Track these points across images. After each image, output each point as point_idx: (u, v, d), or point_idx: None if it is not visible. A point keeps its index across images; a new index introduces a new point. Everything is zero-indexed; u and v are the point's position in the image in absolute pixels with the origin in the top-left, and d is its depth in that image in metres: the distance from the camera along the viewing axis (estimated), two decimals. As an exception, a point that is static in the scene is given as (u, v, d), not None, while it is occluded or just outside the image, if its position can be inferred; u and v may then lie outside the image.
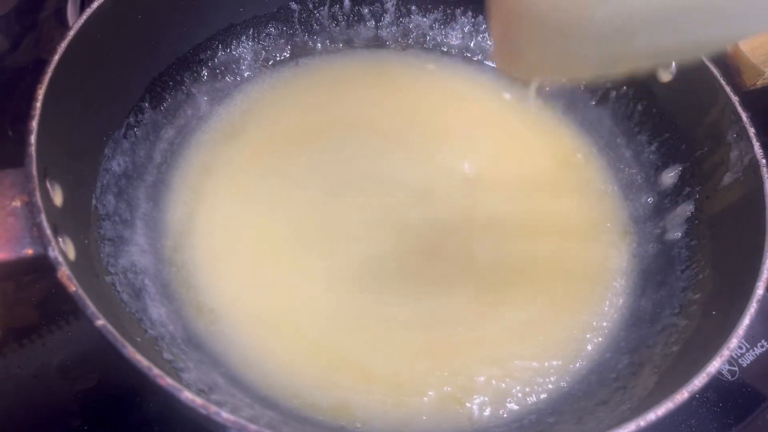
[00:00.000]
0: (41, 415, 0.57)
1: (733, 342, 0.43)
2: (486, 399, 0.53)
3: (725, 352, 0.43)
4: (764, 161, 0.54)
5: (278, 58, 0.73)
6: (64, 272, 0.40)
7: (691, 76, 0.61)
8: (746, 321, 0.45)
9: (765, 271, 0.47)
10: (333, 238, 0.61)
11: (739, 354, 0.65)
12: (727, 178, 0.57)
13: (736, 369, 0.64)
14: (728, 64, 0.62)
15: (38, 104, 0.46)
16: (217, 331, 0.55)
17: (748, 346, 0.65)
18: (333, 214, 0.62)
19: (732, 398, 0.62)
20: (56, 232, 0.43)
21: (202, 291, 0.57)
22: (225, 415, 0.37)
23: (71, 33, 0.51)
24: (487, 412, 0.53)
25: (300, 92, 0.71)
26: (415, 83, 0.73)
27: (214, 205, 0.62)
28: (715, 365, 0.43)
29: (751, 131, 0.55)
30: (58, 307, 0.61)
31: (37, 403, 0.58)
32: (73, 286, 0.39)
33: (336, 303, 0.57)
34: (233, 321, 0.55)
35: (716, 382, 0.63)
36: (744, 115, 0.56)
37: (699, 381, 0.42)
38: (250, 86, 0.71)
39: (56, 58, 0.49)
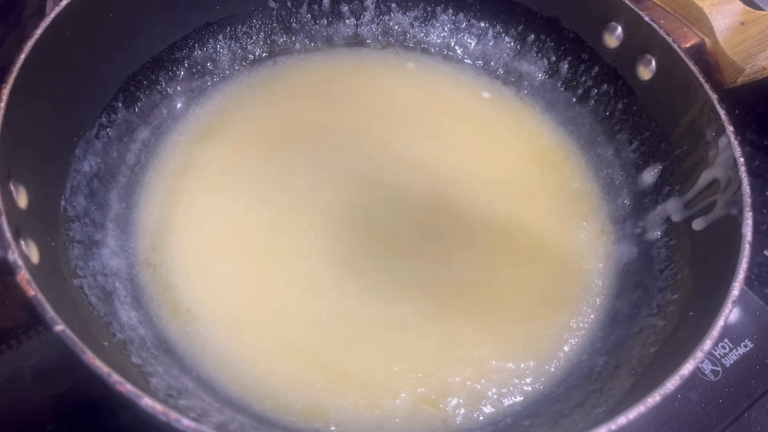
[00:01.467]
0: (14, 420, 0.57)
1: (707, 344, 0.43)
2: (460, 401, 0.53)
3: (699, 354, 0.42)
4: (742, 159, 0.53)
5: (256, 57, 0.72)
6: (23, 276, 0.39)
7: (671, 74, 0.60)
8: (720, 323, 0.44)
9: (741, 272, 0.47)
10: (310, 238, 0.60)
11: (722, 354, 0.64)
12: (705, 177, 0.56)
13: (719, 369, 0.63)
14: (708, 61, 0.62)
15: (2, 104, 0.45)
16: (192, 332, 0.54)
17: (732, 346, 0.65)
18: (311, 214, 0.61)
19: (715, 398, 0.62)
20: (18, 234, 0.42)
21: (179, 291, 0.56)
22: (186, 422, 0.37)
23: (38, 32, 0.50)
24: (462, 414, 0.52)
25: (278, 92, 0.70)
26: (394, 82, 0.73)
27: (191, 205, 0.61)
28: (688, 368, 0.42)
29: (729, 129, 0.54)
30: (33, 310, 0.60)
31: (10, 407, 0.57)
32: (32, 291, 0.39)
33: (312, 303, 0.56)
34: (209, 321, 0.55)
35: (699, 382, 0.62)
36: (722, 113, 0.55)
37: (672, 384, 0.41)
38: (227, 85, 0.70)
39: (22, 57, 0.48)
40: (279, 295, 0.57)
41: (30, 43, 0.49)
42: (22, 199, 0.46)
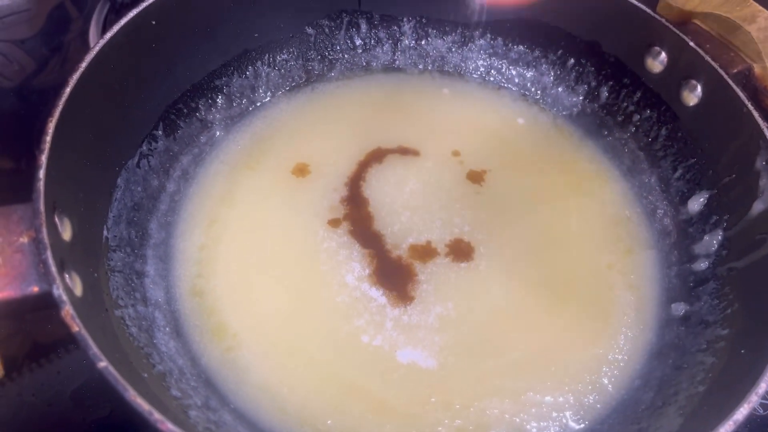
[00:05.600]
0: (55, 445, 0.57)
1: (762, 387, 0.41)
2: (500, 435, 0.51)
3: (753, 398, 0.41)
4: (795, 191, 0.51)
5: (294, 84, 0.73)
6: (67, 311, 0.39)
7: (718, 100, 0.59)
8: (776, 364, 0.42)
9: (796, 310, 0.45)
10: (350, 264, 0.60)
11: (774, 387, 0.62)
12: (757, 207, 0.55)
13: (772, 403, 0.61)
14: (757, 87, 0.60)
15: (48, 138, 0.46)
16: (235, 357, 0.54)
17: (784, 378, 0.62)
18: (350, 241, 0.61)
19: (767, 435, 0.60)
20: (63, 267, 0.42)
21: (226, 316, 0.56)
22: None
23: (83, 65, 0.51)
24: (501, 449, 0.51)
25: (317, 119, 0.71)
26: (430, 108, 0.72)
27: (236, 233, 0.62)
28: (742, 412, 0.40)
29: (782, 158, 0.53)
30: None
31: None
32: (76, 326, 0.39)
33: (349, 331, 0.56)
34: (254, 346, 0.55)
35: (750, 419, 0.60)
36: (773, 142, 0.53)
37: (724, 430, 0.40)
38: (266, 113, 0.71)
39: (67, 90, 0.49)
40: (318, 322, 0.57)
41: (75, 76, 0.50)
42: (66, 231, 0.46)
